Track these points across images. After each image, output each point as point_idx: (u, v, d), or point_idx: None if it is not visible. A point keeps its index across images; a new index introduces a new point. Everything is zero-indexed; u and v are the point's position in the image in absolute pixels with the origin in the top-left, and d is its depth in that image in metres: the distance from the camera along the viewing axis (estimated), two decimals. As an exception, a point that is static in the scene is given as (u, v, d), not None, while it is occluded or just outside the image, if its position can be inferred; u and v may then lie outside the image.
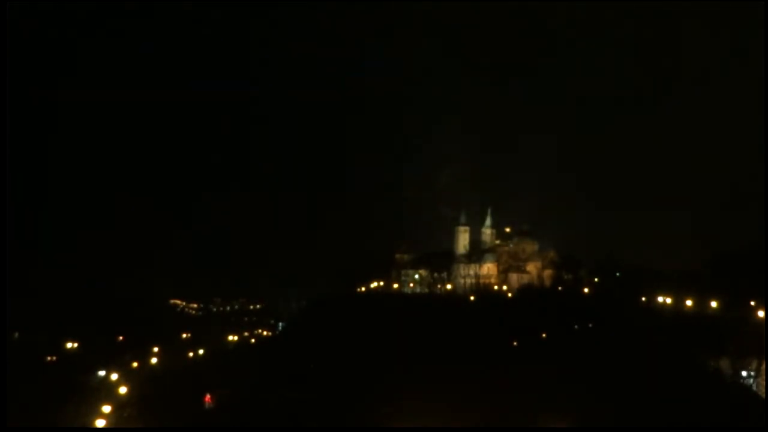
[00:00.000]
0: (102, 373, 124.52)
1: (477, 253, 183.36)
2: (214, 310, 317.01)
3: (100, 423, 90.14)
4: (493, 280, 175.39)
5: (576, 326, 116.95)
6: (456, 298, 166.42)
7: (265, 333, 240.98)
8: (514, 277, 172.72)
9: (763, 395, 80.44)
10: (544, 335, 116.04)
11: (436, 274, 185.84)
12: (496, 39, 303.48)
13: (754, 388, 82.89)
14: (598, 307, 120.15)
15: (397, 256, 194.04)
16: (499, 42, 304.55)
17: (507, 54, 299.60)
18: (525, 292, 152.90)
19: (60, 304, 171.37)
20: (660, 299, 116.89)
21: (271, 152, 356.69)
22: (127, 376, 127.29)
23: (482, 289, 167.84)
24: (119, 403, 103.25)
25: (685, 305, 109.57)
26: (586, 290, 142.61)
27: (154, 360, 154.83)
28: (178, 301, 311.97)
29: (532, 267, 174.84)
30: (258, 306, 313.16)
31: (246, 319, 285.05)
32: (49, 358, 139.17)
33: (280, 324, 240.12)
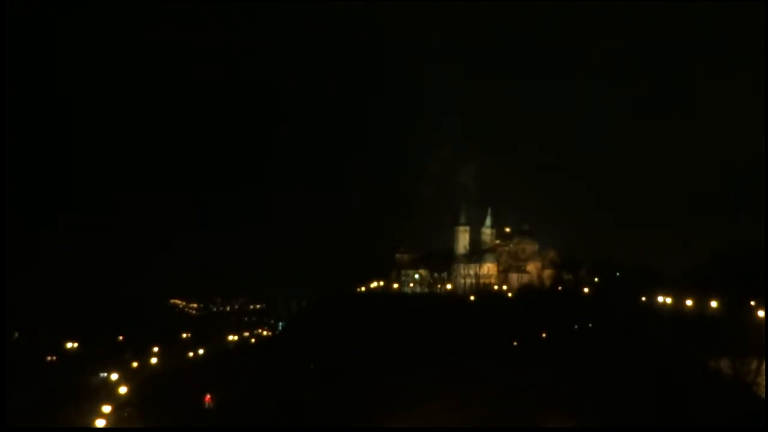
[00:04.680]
0: (102, 373, 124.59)
1: (477, 253, 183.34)
2: (214, 310, 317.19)
3: (100, 423, 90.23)
4: (493, 280, 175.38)
5: (576, 326, 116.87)
6: (456, 298, 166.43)
7: (265, 333, 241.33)
8: (514, 277, 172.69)
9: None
10: (544, 335, 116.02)
11: (436, 274, 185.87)
12: (501, 40, 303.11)
13: None
14: (598, 307, 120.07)
15: (397, 256, 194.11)
16: (504, 43, 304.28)
17: (511, 55, 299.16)
18: (525, 292, 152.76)
19: (60, 304, 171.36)
20: (660, 299, 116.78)
21: (271, 152, 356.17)
22: (127, 376, 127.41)
23: (482, 289, 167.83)
24: (119, 403, 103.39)
25: (685, 305, 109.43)
26: (586, 290, 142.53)
27: (154, 360, 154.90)
28: (178, 301, 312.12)
29: (532, 267, 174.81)
30: (258, 306, 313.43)
31: (246, 319, 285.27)
32: (49, 358, 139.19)
33: (280, 324, 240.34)
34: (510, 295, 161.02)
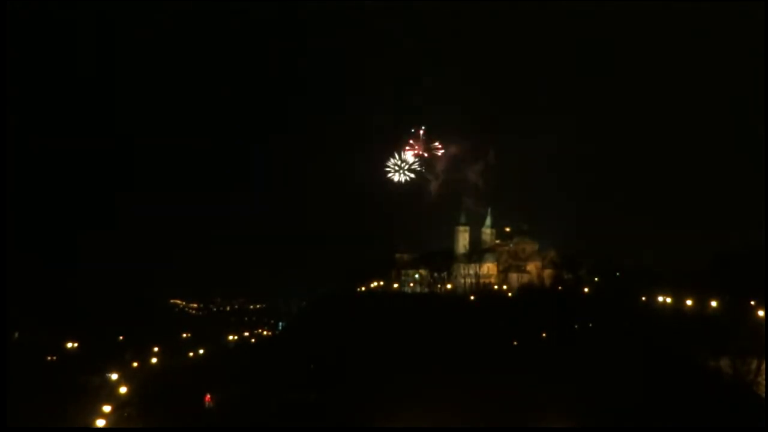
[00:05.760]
0: (102, 373, 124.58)
1: (477, 253, 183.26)
2: (214, 310, 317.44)
3: (100, 423, 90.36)
4: (493, 280, 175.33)
5: (576, 326, 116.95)
6: (456, 298, 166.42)
7: (265, 333, 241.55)
8: (514, 277, 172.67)
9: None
10: (544, 335, 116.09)
11: (436, 274, 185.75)
12: (496, 36, 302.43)
13: None
14: (598, 307, 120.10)
15: (397, 256, 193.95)
16: (500, 39, 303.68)
17: (506, 50, 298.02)
18: (525, 292, 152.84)
19: (60, 304, 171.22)
20: (660, 299, 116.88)
21: (271, 152, 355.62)
22: (127, 376, 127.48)
23: (482, 289, 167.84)
24: (119, 403, 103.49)
25: (685, 305, 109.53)
26: (586, 290, 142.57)
27: (154, 360, 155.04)
28: (178, 301, 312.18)
29: (532, 267, 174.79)
30: (258, 306, 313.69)
31: (246, 319, 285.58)
32: (49, 358, 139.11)
33: (280, 324, 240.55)
34: (510, 295, 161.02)
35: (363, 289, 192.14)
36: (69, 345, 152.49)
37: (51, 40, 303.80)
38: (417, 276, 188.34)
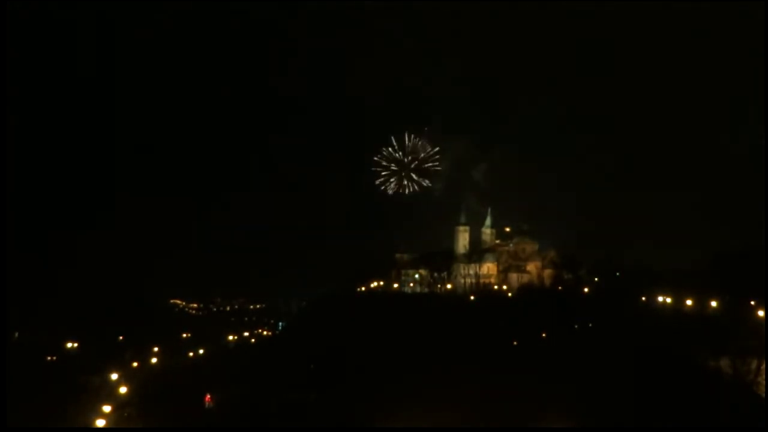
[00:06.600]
0: (102, 373, 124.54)
1: (477, 253, 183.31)
2: (214, 310, 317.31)
3: (100, 423, 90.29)
4: (493, 280, 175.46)
5: (576, 326, 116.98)
6: (456, 298, 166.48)
7: (265, 333, 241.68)
8: (514, 277, 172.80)
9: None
10: (544, 335, 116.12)
11: (436, 274, 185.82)
12: (496, 36, 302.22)
13: None
14: (598, 307, 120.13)
15: (397, 256, 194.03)
16: (500, 39, 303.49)
17: (507, 52, 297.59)
18: (525, 292, 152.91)
19: (60, 304, 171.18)
20: (660, 299, 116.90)
21: (270, 152, 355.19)
22: (127, 376, 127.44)
23: (482, 289, 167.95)
24: (119, 403, 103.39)
25: (685, 305, 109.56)
26: (586, 290, 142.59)
27: (154, 360, 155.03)
28: (178, 301, 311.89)
29: (532, 267, 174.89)
30: (258, 306, 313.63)
31: (246, 319, 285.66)
32: (49, 358, 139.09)
33: (280, 324, 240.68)
34: (510, 295, 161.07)
35: (363, 289, 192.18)
36: (69, 345, 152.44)
37: (51, 40, 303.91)
38: (417, 276, 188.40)
